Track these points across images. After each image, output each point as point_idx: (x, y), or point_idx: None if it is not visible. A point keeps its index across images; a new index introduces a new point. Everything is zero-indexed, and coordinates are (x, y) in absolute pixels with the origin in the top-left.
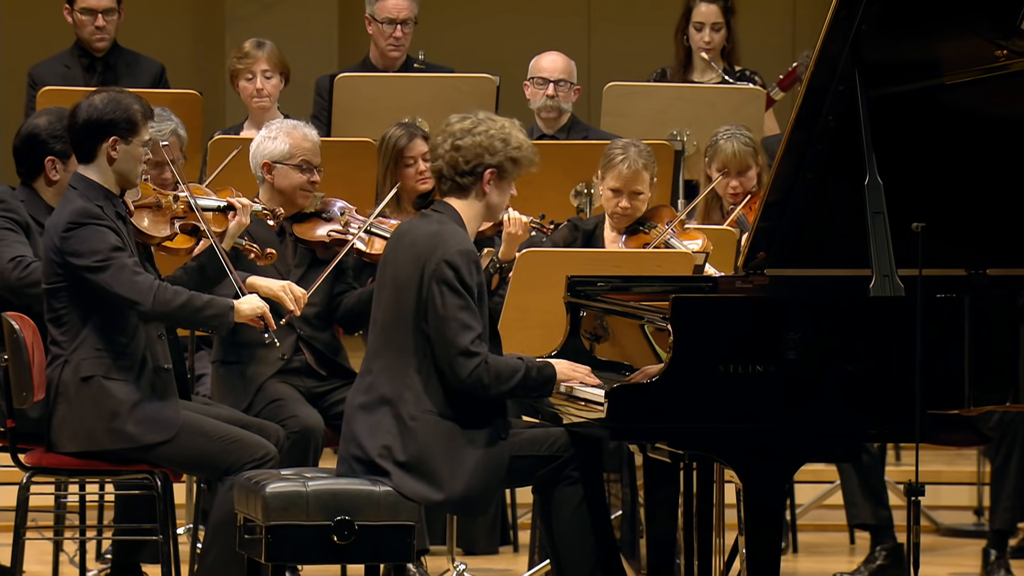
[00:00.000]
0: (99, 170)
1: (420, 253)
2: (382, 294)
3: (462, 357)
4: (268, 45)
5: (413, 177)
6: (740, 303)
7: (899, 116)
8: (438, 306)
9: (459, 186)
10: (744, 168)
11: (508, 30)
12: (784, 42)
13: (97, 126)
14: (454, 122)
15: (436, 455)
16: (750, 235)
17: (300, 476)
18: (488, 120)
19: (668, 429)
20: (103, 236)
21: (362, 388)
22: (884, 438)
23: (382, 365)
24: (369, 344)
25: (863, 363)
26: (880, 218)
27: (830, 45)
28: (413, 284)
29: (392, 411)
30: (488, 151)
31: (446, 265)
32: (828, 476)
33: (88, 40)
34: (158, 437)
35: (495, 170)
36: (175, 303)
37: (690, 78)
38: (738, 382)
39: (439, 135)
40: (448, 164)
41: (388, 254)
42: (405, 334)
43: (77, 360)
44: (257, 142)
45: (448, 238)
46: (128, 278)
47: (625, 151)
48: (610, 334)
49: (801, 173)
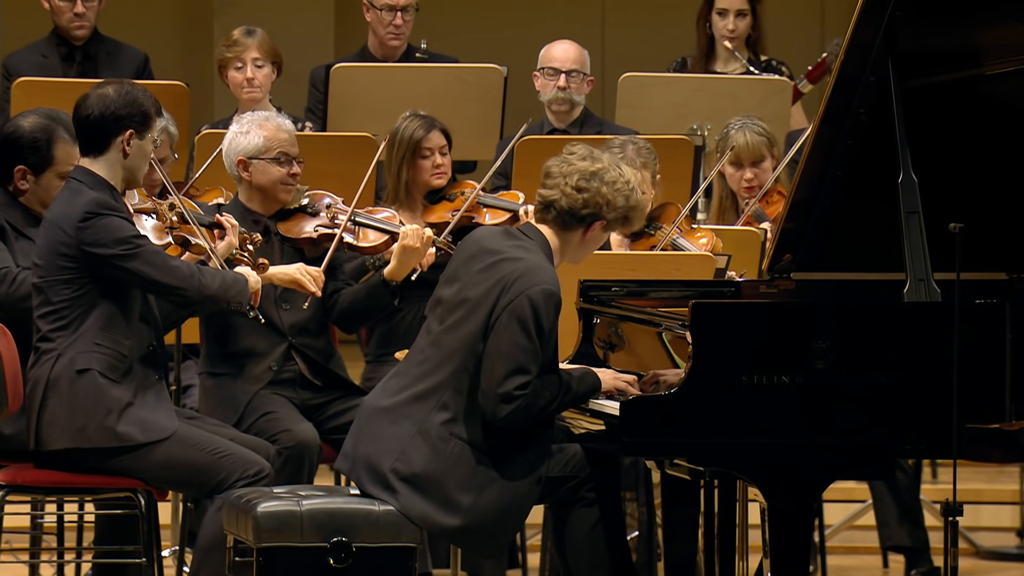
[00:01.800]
0: (108, 165)
1: (502, 279)
2: (444, 305)
3: (503, 402)
4: (259, 32)
5: (428, 170)
6: (765, 309)
7: (935, 109)
8: (501, 339)
9: (564, 223)
10: (758, 159)
11: (516, 17)
12: (813, 30)
13: (114, 118)
14: (578, 156)
15: (453, 483)
16: (775, 236)
17: (294, 494)
18: (615, 169)
19: (687, 444)
20: (125, 225)
21: (392, 390)
22: (919, 454)
23: (422, 379)
24: (415, 350)
25: (897, 373)
26: (915, 218)
27: (861, 33)
28: (486, 305)
29: (418, 425)
30: (609, 205)
31: (528, 302)
32: (859, 495)
33: (66, 28)
34: (151, 438)
35: (605, 223)
36: (216, 283)
37: (712, 68)
38: (762, 393)
39: (560, 163)
40: (566, 198)
41: (459, 264)
42: (459, 349)
43: (73, 353)
44: (229, 139)
45: (537, 271)
46: (164, 262)
47: (622, 150)
48: (625, 342)
49: (830, 170)
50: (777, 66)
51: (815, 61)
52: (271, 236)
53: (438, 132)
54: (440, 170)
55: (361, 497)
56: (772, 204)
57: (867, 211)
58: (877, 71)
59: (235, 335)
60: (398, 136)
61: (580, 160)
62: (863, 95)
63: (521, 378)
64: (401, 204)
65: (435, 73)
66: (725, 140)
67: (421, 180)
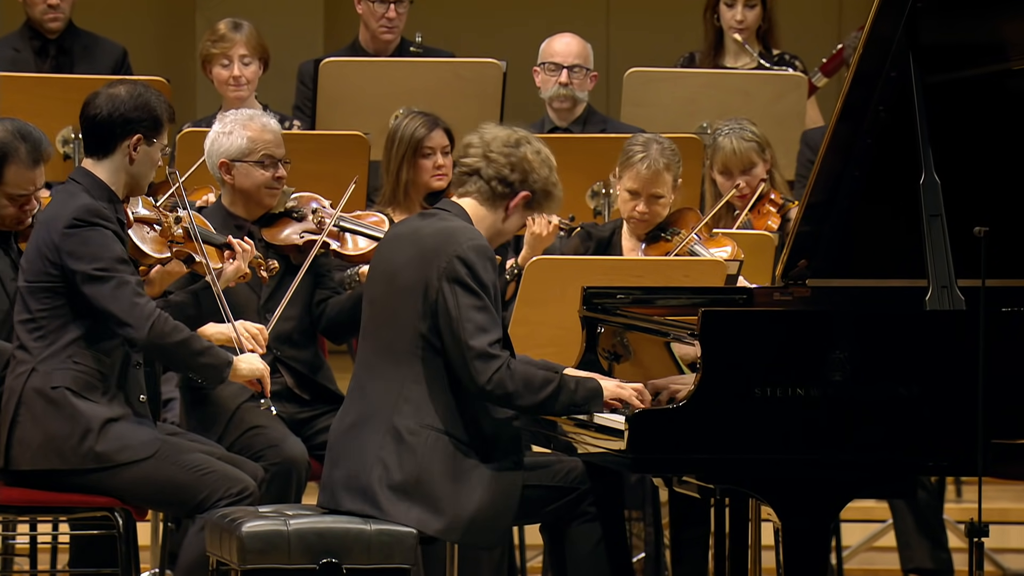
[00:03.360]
0: (112, 169)
1: (426, 252)
2: (375, 302)
3: (479, 361)
4: (246, 27)
5: (429, 170)
6: (778, 317)
7: (959, 105)
8: (451, 307)
9: (491, 193)
10: (748, 166)
11: (516, 9)
12: (829, 21)
13: (123, 121)
14: (494, 129)
15: (437, 475)
16: (790, 241)
17: (281, 514)
18: (535, 142)
19: (697, 460)
20: (109, 243)
21: (351, 407)
22: (943, 471)
23: (375, 379)
24: (358, 360)
25: (918, 385)
26: (937, 221)
27: (881, 25)
28: (417, 286)
29: (385, 425)
30: (535, 172)
31: (459, 262)
32: (879, 514)
33: (40, 20)
34: (131, 457)
35: (529, 195)
36: (173, 338)
37: (721, 63)
38: (776, 407)
39: (480, 133)
40: (492, 164)
41: (382, 257)
42: (404, 341)
43: (48, 369)
44: (211, 140)
45: (459, 233)
46: (128, 298)
47: (646, 148)
48: (631, 352)
49: (848, 170)
50: (790, 60)
51: (830, 53)
52: (255, 243)
53: (441, 131)
54: (442, 171)
55: (351, 516)
56: (762, 215)
57: (887, 214)
58: (897, 66)
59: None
60: (398, 134)
61: (501, 130)
62: (883, 91)
63: (487, 335)
64: (398, 206)
65: (430, 68)
66: (713, 147)
67: (421, 181)
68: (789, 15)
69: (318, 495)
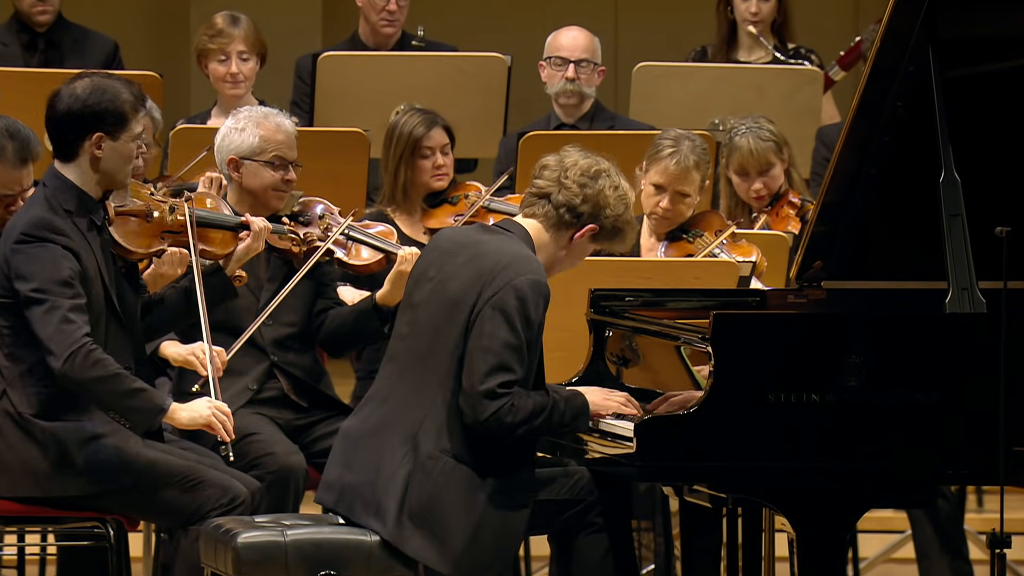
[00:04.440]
0: (79, 171)
1: (483, 272)
2: (418, 306)
3: (486, 399)
4: (244, 21)
5: (428, 171)
6: (793, 320)
7: (980, 101)
8: (484, 332)
9: (557, 220)
10: (765, 167)
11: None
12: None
13: (78, 119)
14: (576, 155)
15: (447, 506)
16: (804, 241)
17: (278, 524)
18: (617, 175)
19: (708, 468)
20: (54, 263)
21: (376, 409)
22: (963, 480)
23: (405, 389)
24: (391, 356)
25: (937, 391)
26: (958, 221)
27: (899, 18)
28: (467, 302)
29: (409, 445)
30: (608, 208)
31: (513, 293)
32: (897, 524)
33: (28, 13)
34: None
35: (597, 229)
36: (92, 374)
37: (735, 57)
38: (790, 413)
39: (560, 157)
40: (565, 192)
41: (432, 260)
42: (440, 356)
43: (18, 393)
44: (222, 134)
45: (521, 263)
46: (54, 324)
47: (676, 144)
48: (641, 357)
49: (864, 168)
50: (806, 54)
51: (847, 46)
52: None
53: (440, 129)
54: (441, 171)
55: (350, 527)
56: (781, 217)
57: (905, 214)
58: (916, 60)
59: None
60: (396, 132)
61: (582, 157)
62: (901, 86)
63: (505, 375)
64: (398, 206)
65: (432, 63)
66: (729, 147)
67: (420, 182)
68: (805, 7)
69: (320, 493)
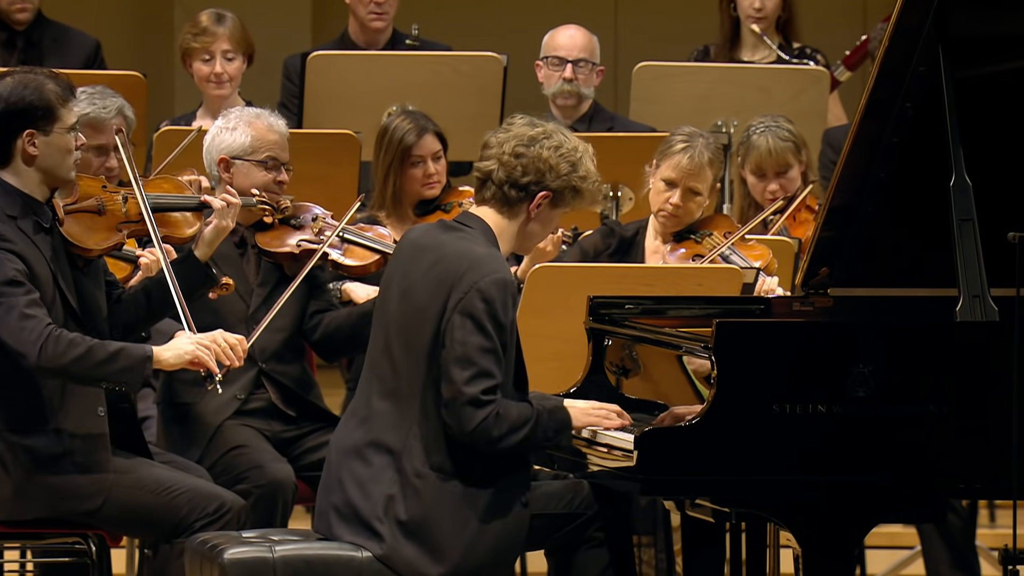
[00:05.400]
0: (17, 173)
1: (447, 274)
2: (388, 317)
3: (471, 407)
4: (229, 19)
5: (419, 180)
6: (798, 329)
7: (992, 103)
8: (456, 341)
9: (505, 198)
10: (783, 168)
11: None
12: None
13: (4, 120)
14: (519, 124)
15: (441, 521)
16: (810, 247)
17: (266, 539)
18: (559, 135)
19: (711, 482)
20: None
21: (355, 426)
22: (974, 494)
23: (384, 404)
24: (367, 374)
25: (948, 402)
26: (969, 226)
27: (908, 15)
28: (434, 310)
29: (394, 463)
30: (552, 171)
31: (478, 295)
32: (907, 540)
33: (6, 11)
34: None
35: (551, 195)
36: (69, 356)
37: (738, 56)
38: (796, 424)
39: (498, 132)
40: (503, 167)
41: (397, 268)
42: (416, 369)
43: None
44: (213, 134)
45: (485, 262)
46: (14, 323)
47: (690, 140)
48: (641, 367)
49: (872, 171)
50: (812, 53)
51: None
52: (247, 249)
53: (431, 136)
54: (433, 179)
55: (341, 543)
56: (800, 223)
57: (914, 218)
58: (926, 60)
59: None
60: (386, 138)
61: (520, 127)
62: (910, 87)
63: (486, 381)
64: (389, 213)
65: (426, 63)
66: (746, 145)
67: (411, 190)
68: (810, 5)
69: (313, 521)
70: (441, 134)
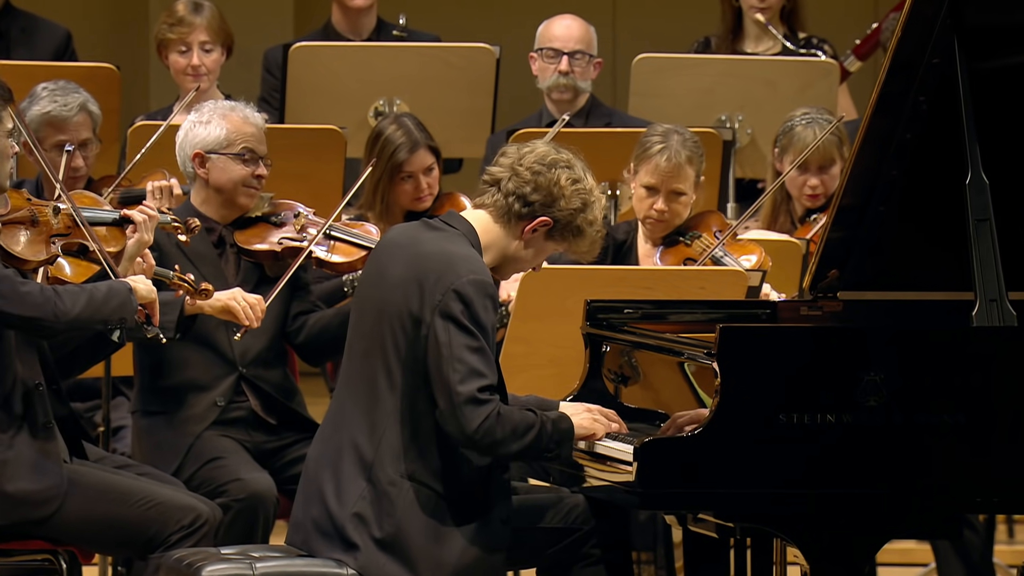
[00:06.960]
0: None
1: (422, 275)
2: (363, 318)
3: (470, 406)
4: (207, 9)
5: (410, 194)
6: (806, 335)
7: (1010, 96)
8: (442, 345)
9: (506, 210)
10: (827, 163)
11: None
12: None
13: None
14: (544, 144)
15: (416, 533)
16: (819, 248)
17: (246, 555)
18: (581, 169)
19: (714, 495)
20: None
21: (329, 435)
22: (992, 508)
23: (356, 409)
24: (342, 379)
25: (964, 411)
26: (986, 226)
27: (922, 4)
28: (406, 312)
29: (366, 473)
30: (563, 199)
31: (456, 297)
32: (920, 557)
33: None
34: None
35: (551, 224)
36: (80, 302)
37: (741, 48)
38: (803, 435)
39: (521, 146)
40: (516, 179)
41: (373, 268)
42: (388, 373)
43: None
44: (186, 129)
45: (460, 262)
46: (13, 289)
47: (665, 139)
48: (641, 374)
49: (884, 169)
50: (819, 44)
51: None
52: (226, 248)
53: (424, 151)
54: (424, 194)
55: (325, 560)
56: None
57: (928, 218)
58: (940, 51)
59: (174, 366)
60: (378, 147)
61: (545, 146)
62: (924, 80)
63: (480, 379)
64: (379, 217)
65: (414, 54)
66: (789, 137)
67: (401, 203)
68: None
69: (290, 533)
70: (435, 147)
